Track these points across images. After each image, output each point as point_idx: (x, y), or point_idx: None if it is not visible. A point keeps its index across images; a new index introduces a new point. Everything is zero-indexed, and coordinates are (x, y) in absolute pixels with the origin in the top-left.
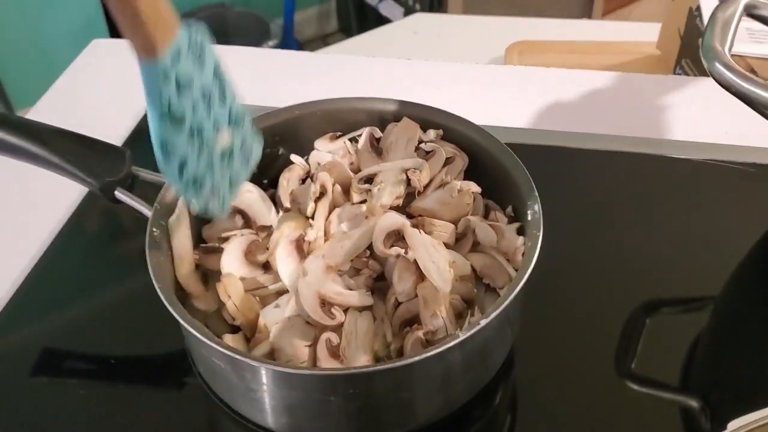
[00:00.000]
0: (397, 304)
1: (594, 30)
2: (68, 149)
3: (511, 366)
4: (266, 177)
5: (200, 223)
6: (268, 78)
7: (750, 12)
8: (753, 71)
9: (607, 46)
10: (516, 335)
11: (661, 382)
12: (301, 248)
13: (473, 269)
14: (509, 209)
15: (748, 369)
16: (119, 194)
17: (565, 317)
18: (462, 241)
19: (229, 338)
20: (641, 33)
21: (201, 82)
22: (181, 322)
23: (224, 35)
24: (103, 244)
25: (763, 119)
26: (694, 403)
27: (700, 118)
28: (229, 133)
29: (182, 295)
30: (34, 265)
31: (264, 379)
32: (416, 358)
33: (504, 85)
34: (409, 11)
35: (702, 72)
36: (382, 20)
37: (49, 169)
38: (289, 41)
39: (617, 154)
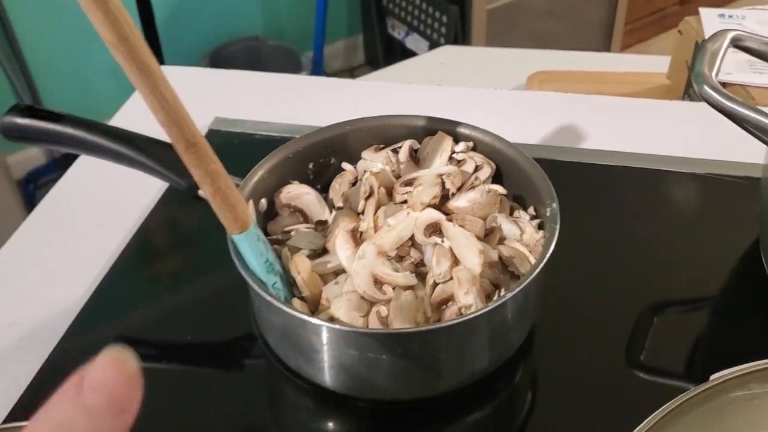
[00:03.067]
0: (435, 285)
1: (610, 62)
2: (159, 154)
3: (530, 345)
4: (319, 183)
5: (265, 220)
6: (312, 102)
7: (737, 44)
8: (753, 99)
9: (621, 76)
10: (535, 318)
11: (666, 370)
12: (356, 237)
13: (500, 258)
14: (531, 209)
15: (744, 355)
16: (202, 193)
17: (580, 308)
18: (490, 235)
19: (297, 303)
20: (654, 65)
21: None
22: (259, 291)
23: (258, 67)
24: (176, 238)
25: (752, 138)
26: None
27: (701, 138)
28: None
29: None
30: (115, 260)
31: (327, 339)
32: (451, 322)
33: (525, 108)
34: (434, 45)
35: None
36: (407, 53)
37: (144, 171)
38: (318, 73)
39: (628, 169)
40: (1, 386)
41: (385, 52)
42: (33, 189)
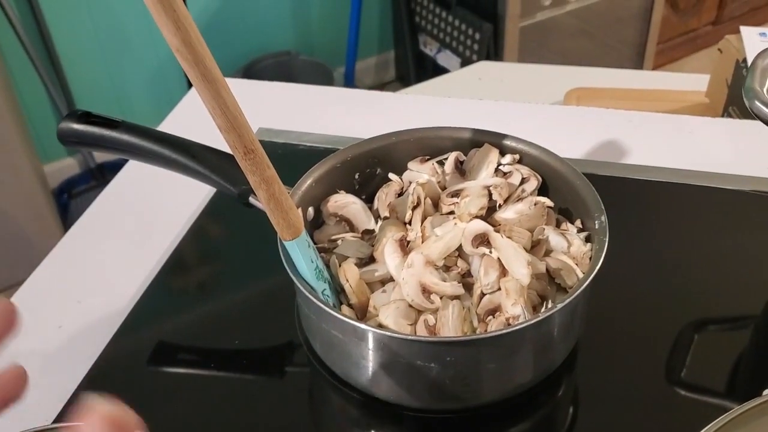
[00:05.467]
0: (482, 295)
1: (645, 80)
2: (212, 161)
3: (574, 361)
4: (365, 193)
5: (312, 228)
6: (352, 115)
7: None
8: None
9: (659, 94)
10: (580, 333)
11: (707, 388)
12: (404, 246)
13: (547, 270)
14: (578, 222)
15: None
16: (252, 200)
17: (624, 324)
18: (537, 247)
19: (346, 310)
20: (690, 84)
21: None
22: (310, 297)
23: (291, 81)
24: (220, 245)
25: None
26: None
27: (745, 155)
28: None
29: None
30: (161, 266)
31: (376, 346)
32: (499, 332)
33: (566, 123)
34: (466, 62)
35: (747, 117)
36: (439, 70)
37: (196, 178)
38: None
39: (672, 185)
40: (51, 387)
41: (417, 69)
42: (67, 198)
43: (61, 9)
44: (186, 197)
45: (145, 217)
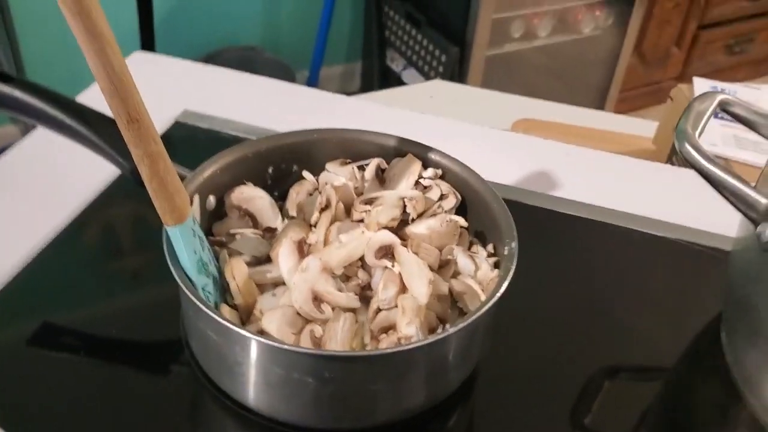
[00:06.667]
0: (378, 311)
1: (600, 120)
2: (107, 132)
3: (470, 388)
4: (277, 189)
5: (211, 219)
6: (291, 110)
7: (724, 108)
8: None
9: (607, 134)
10: (478, 360)
11: None
12: (302, 249)
13: (450, 293)
14: (490, 246)
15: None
16: None
17: (529, 358)
18: (445, 267)
19: (226, 310)
20: (642, 129)
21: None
22: (186, 292)
23: None
24: (119, 228)
25: (728, 210)
26: None
27: (676, 203)
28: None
29: None
30: (52, 239)
31: (251, 352)
32: (385, 351)
33: (505, 148)
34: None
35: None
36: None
37: (88, 147)
38: None
39: (598, 223)
40: None
41: (381, 82)
42: None
43: None
44: (94, 173)
45: (46, 186)
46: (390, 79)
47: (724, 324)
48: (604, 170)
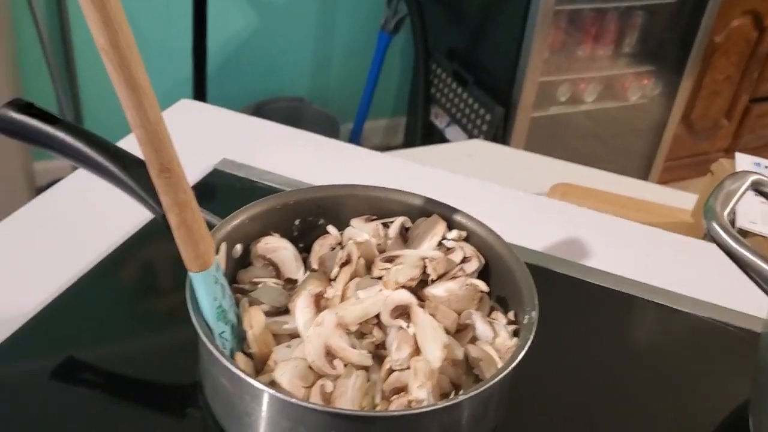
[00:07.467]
0: (390, 371)
1: (640, 190)
2: (142, 177)
3: None
4: (303, 242)
5: (237, 266)
6: (328, 164)
7: (757, 188)
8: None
9: (644, 205)
10: (494, 428)
11: None
12: (319, 303)
13: (466, 358)
14: (511, 313)
15: None
16: None
17: (546, 429)
18: (464, 332)
19: (240, 358)
20: (682, 202)
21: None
22: (202, 337)
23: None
24: (148, 269)
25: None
26: None
27: (711, 280)
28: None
29: None
30: (83, 274)
31: (260, 403)
32: (393, 413)
33: (538, 213)
34: (472, 139)
35: None
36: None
37: (123, 189)
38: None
39: (626, 296)
40: None
41: (424, 138)
42: None
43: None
44: (128, 214)
45: (83, 224)
46: (433, 135)
47: (751, 410)
48: (637, 242)
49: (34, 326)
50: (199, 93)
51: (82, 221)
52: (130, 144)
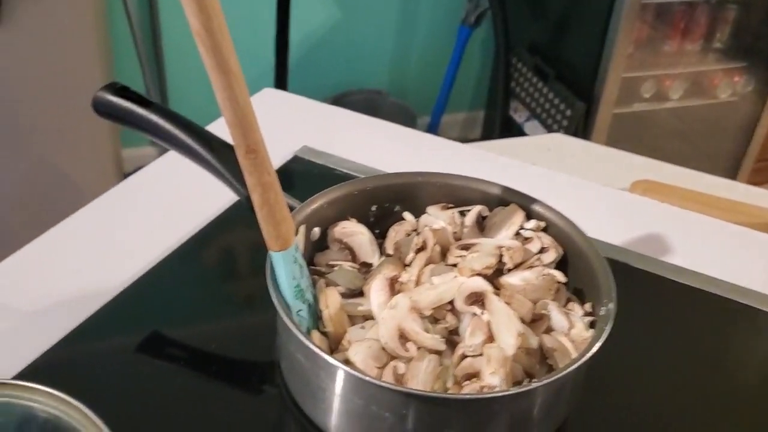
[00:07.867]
0: (463, 357)
1: (725, 188)
2: (228, 159)
3: None
4: (379, 228)
5: (314, 249)
6: (406, 154)
7: None
8: None
9: (730, 203)
10: (566, 418)
11: None
12: (393, 286)
13: (541, 348)
14: (588, 305)
15: None
16: None
17: (618, 421)
18: (539, 321)
19: (316, 336)
20: None
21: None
22: (281, 313)
23: None
24: (231, 250)
25: None
26: None
27: None
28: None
29: None
30: (169, 254)
31: (335, 379)
32: (464, 396)
33: (617, 208)
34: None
35: None
36: None
37: (210, 171)
38: None
39: (706, 293)
40: (21, 347)
41: (503, 132)
42: None
43: (177, 8)
44: (213, 197)
45: (170, 205)
46: (512, 130)
47: None
48: (723, 241)
49: (122, 302)
50: (281, 84)
51: (167, 204)
52: (216, 129)
